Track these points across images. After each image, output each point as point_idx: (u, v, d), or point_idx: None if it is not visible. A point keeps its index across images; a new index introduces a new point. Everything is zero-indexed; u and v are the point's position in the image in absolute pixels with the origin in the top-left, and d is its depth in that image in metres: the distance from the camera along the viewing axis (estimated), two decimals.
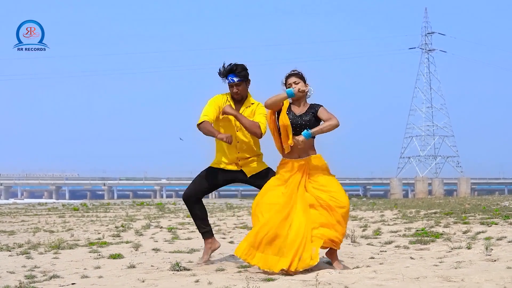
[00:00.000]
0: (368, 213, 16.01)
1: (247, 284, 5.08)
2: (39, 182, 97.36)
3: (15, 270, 6.86)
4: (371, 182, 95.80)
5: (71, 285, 5.65)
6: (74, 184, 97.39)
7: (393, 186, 72.09)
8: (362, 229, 10.53)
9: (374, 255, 7.19)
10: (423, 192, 69.17)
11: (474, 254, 6.86)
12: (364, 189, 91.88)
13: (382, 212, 16.37)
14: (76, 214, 19.65)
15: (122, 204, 31.41)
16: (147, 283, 5.66)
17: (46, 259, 7.80)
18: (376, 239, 8.99)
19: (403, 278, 5.27)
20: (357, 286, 4.96)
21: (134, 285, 5.56)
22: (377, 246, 8.19)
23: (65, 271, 6.65)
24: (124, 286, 5.55)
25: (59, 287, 5.56)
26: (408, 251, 7.43)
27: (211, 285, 5.31)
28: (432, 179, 75.79)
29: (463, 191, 70.87)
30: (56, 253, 8.40)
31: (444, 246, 7.63)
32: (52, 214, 20.44)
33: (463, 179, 74.60)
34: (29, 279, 6.09)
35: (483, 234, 8.82)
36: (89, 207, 25.72)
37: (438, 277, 5.30)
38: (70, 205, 30.96)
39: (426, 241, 8.17)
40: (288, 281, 5.39)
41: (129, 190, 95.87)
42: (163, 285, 5.46)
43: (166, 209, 22.09)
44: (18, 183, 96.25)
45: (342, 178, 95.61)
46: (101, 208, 24.48)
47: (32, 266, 7.12)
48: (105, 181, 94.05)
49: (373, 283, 5.11)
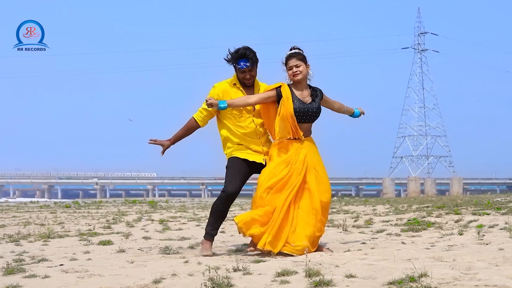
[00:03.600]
0: (360, 208, 15.97)
1: (236, 264, 5.04)
2: (32, 181, 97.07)
3: (3, 255, 6.80)
4: (364, 182, 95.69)
5: (59, 266, 5.60)
6: (66, 183, 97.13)
7: (385, 186, 72.18)
8: (354, 220, 10.49)
9: (366, 241, 7.15)
10: (416, 192, 69.26)
11: (466, 239, 6.82)
12: (356, 189, 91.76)
13: (374, 206, 16.33)
14: (67, 211, 19.54)
15: (115, 202, 31.29)
16: (136, 264, 5.62)
17: (35, 246, 7.74)
18: (367, 228, 8.94)
19: (395, 259, 5.23)
20: (348, 266, 4.92)
21: (123, 266, 5.51)
22: (369, 234, 8.15)
23: (53, 255, 6.59)
24: (112, 266, 5.50)
25: (47, 268, 5.49)
26: (400, 238, 7.39)
27: (200, 266, 5.26)
28: (425, 179, 75.86)
29: (455, 191, 70.93)
30: (45, 242, 8.33)
31: (436, 233, 7.59)
32: (43, 210, 20.32)
33: (455, 179, 74.69)
34: (17, 262, 6.03)
35: (475, 222, 8.79)
36: (81, 205, 25.60)
37: (429, 258, 5.26)
38: (62, 203, 30.83)
39: (418, 229, 8.13)
40: (279, 261, 5.36)
41: (121, 189, 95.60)
42: (152, 266, 5.41)
43: (158, 206, 21.99)
44: (10, 182, 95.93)
45: (335, 177, 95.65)
46: (93, 206, 24.34)
47: (21, 252, 7.06)
48: (98, 180, 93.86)
49: (364, 263, 5.06)
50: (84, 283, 4.64)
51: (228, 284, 4.24)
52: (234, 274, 4.72)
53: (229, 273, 4.77)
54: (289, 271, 4.63)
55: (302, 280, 4.39)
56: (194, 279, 4.60)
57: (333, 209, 14.85)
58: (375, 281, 4.27)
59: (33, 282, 4.76)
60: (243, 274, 4.73)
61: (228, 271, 4.85)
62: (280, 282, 4.35)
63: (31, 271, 5.24)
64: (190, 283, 4.45)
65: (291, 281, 4.36)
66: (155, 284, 4.45)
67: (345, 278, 4.37)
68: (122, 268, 5.38)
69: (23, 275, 5.06)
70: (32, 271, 5.23)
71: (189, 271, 4.93)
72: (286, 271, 4.64)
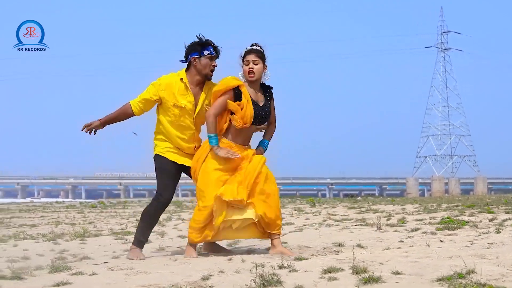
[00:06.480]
0: (388, 207, 15.93)
1: (281, 261, 5.07)
2: (55, 182, 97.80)
3: (44, 253, 6.89)
4: (387, 181, 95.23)
5: (104, 264, 5.67)
6: (90, 184, 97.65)
7: (409, 186, 71.61)
8: (386, 219, 10.47)
9: (403, 239, 7.14)
10: (440, 192, 68.68)
11: (504, 237, 6.80)
12: (380, 189, 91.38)
13: (402, 206, 16.28)
14: (94, 211, 19.67)
15: (140, 202, 31.44)
16: (179, 261, 5.67)
17: (74, 245, 7.83)
18: (401, 226, 8.93)
19: (437, 257, 5.24)
20: (392, 263, 4.93)
21: (167, 263, 5.57)
22: (404, 232, 8.14)
23: (94, 253, 6.67)
24: (156, 264, 5.56)
25: (92, 265, 5.56)
26: (437, 236, 7.37)
27: (245, 263, 5.30)
28: (449, 179, 75.35)
29: (479, 190, 70.27)
30: (82, 240, 8.42)
31: (473, 232, 7.57)
32: (70, 210, 20.47)
33: (479, 178, 74.06)
34: (61, 260, 6.10)
35: (510, 221, 8.74)
36: (107, 205, 25.74)
37: (471, 256, 5.26)
38: (88, 203, 31.03)
39: (453, 228, 8.10)
40: (322, 259, 5.38)
41: (145, 189, 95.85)
42: (196, 263, 5.46)
43: (184, 206, 22.08)
44: (35, 183, 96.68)
45: (358, 177, 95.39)
46: (118, 205, 24.48)
47: (61, 250, 7.15)
48: (121, 181, 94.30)
49: (407, 260, 5.07)
50: (132, 280, 4.69)
51: (277, 280, 4.27)
52: (280, 271, 4.75)
53: (275, 270, 4.80)
54: (335, 268, 4.65)
55: (350, 277, 4.41)
56: (241, 276, 4.64)
57: (362, 208, 14.83)
58: (423, 278, 4.28)
59: (82, 279, 4.82)
60: (289, 271, 4.76)
61: (273, 268, 4.88)
62: (328, 279, 4.37)
63: (77, 268, 5.30)
64: (238, 280, 4.49)
65: (339, 278, 4.38)
66: (204, 281, 4.49)
67: (393, 275, 4.39)
68: (166, 265, 5.43)
69: (69, 273, 5.13)
70: (78, 268, 5.29)
71: (234, 268, 4.97)
72: (332, 268, 4.66)
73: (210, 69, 6.10)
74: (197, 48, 6.08)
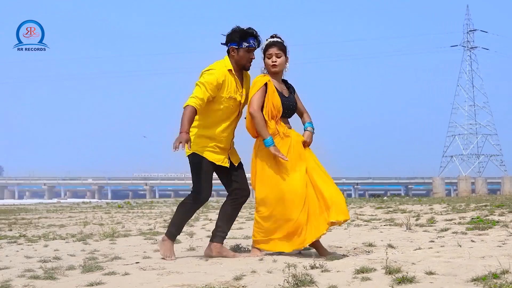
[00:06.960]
0: (416, 207, 15.84)
1: (313, 261, 5.06)
2: (82, 182, 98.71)
3: (75, 253, 6.94)
4: (413, 181, 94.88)
5: (135, 264, 5.69)
6: (116, 184, 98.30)
7: (435, 185, 71.17)
8: (415, 219, 10.41)
9: (433, 239, 7.10)
10: (467, 191, 68.18)
11: None
12: (406, 189, 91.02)
13: (430, 206, 16.18)
14: (121, 211, 19.81)
15: (165, 202, 31.59)
16: (211, 261, 5.68)
17: (104, 245, 7.88)
18: (431, 226, 8.87)
19: (470, 257, 5.20)
20: (425, 263, 4.90)
21: (198, 263, 5.58)
22: (434, 232, 8.08)
23: (124, 253, 6.70)
24: (188, 264, 5.57)
25: (124, 265, 5.59)
26: (467, 236, 7.32)
27: (276, 263, 5.30)
28: (475, 178, 74.81)
29: (507, 190, 69.62)
30: (112, 240, 8.48)
31: (504, 231, 7.50)
32: (97, 211, 20.64)
33: (507, 178, 73.37)
34: (92, 260, 6.14)
35: None
36: (133, 205, 25.89)
37: (504, 256, 5.22)
38: (114, 203, 31.22)
39: (484, 227, 8.03)
40: (353, 259, 5.37)
41: (170, 190, 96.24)
42: (228, 263, 5.47)
43: (210, 206, 22.13)
44: (61, 183, 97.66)
45: (383, 177, 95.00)
46: (145, 206, 24.62)
47: (92, 250, 7.20)
48: (147, 181, 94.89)
49: (440, 260, 5.05)
50: (165, 280, 4.70)
51: (310, 280, 4.26)
52: (312, 271, 4.74)
53: (307, 270, 4.79)
54: (368, 268, 4.63)
55: (383, 277, 4.39)
56: (274, 276, 4.64)
57: (389, 208, 14.77)
58: (457, 278, 4.25)
59: (115, 279, 4.84)
60: (321, 271, 4.75)
61: (305, 268, 4.88)
62: (361, 279, 4.35)
63: (109, 268, 5.33)
64: (271, 279, 4.49)
65: (372, 278, 4.37)
66: (237, 281, 4.50)
67: (426, 275, 4.36)
68: (198, 265, 5.44)
69: (102, 273, 5.16)
70: (110, 268, 5.32)
71: (267, 269, 4.97)
72: (364, 268, 4.64)
73: (248, 61, 6.02)
74: (236, 38, 5.95)
